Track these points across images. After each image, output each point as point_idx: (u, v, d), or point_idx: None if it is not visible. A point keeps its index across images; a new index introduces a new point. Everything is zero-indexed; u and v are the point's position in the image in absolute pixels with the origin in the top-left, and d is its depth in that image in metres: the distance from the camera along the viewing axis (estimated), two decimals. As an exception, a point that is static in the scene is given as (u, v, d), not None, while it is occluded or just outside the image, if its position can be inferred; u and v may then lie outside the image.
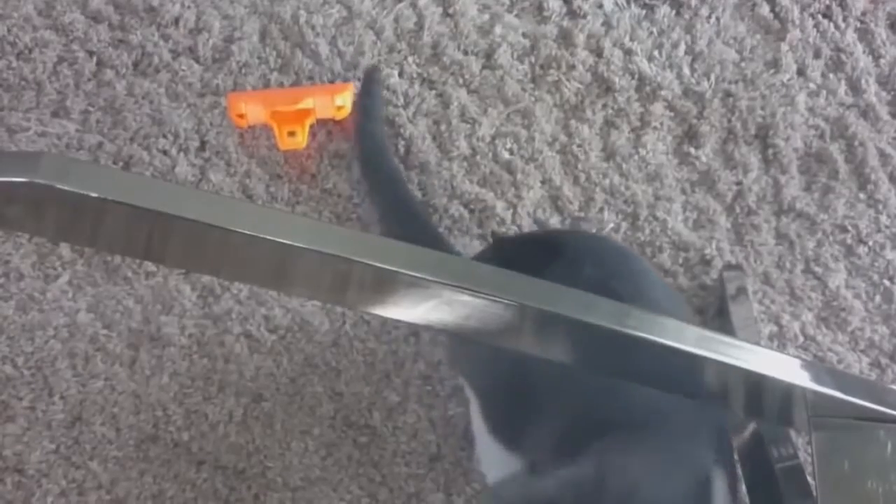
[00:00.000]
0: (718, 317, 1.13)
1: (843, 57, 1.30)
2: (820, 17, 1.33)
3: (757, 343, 1.03)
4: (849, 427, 0.72)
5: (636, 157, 1.23)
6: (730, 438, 0.93)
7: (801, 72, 1.29)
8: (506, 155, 1.23)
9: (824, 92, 1.27)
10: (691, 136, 1.25)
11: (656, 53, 1.30)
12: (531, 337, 0.71)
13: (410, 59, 1.30)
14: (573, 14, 1.33)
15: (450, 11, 1.33)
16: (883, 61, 1.30)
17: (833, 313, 1.15)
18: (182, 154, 1.23)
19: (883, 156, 1.23)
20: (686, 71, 1.29)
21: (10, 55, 1.30)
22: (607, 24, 1.32)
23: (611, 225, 1.19)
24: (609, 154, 1.24)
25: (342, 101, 1.23)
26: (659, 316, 0.68)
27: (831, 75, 1.29)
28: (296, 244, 0.61)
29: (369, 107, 1.23)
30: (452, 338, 1.07)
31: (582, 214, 1.20)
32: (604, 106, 1.27)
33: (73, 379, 1.11)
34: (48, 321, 1.14)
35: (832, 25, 1.32)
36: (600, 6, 1.33)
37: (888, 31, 1.32)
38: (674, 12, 1.33)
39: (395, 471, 1.07)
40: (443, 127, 1.25)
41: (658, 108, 1.26)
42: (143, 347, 1.13)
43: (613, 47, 1.30)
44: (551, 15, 1.33)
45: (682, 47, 1.30)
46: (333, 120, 1.24)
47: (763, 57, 1.30)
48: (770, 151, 1.24)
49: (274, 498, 1.06)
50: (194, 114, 1.26)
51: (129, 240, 0.65)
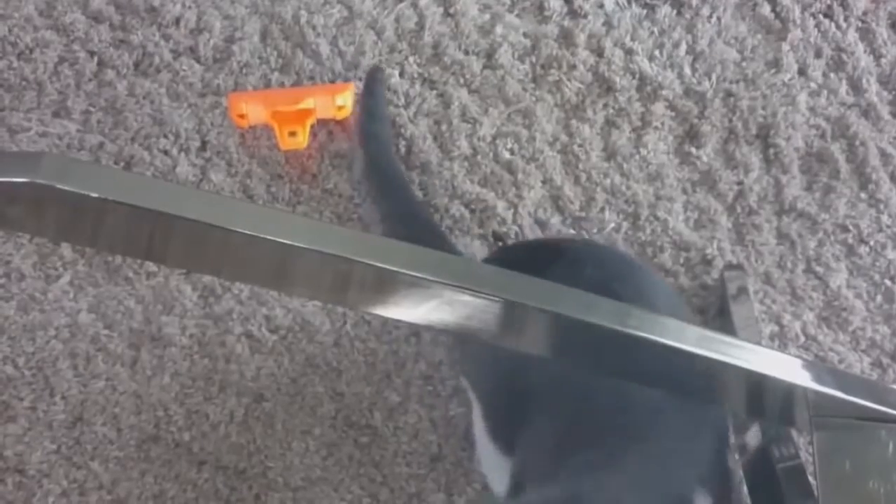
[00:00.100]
0: (719, 317, 1.13)
1: (845, 56, 1.30)
2: (821, 17, 1.32)
3: (758, 343, 1.03)
4: (850, 427, 0.72)
5: (637, 157, 1.23)
6: (728, 444, 0.92)
7: (803, 71, 1.29)
8: (507, 155, 1.23)
9: (825, 92, 1.27)
10: (692, 136, 1.25)
11: (657, 53, 1.30)
12: (532, 337, 0.71)
13: (411, 59, 1.29)
14: (574, 14, 1.33)
15: (451, 11, 1.33)
16: (884, 61, 1.29)
17: (834, 313, 1.15)
18: (183, 154, 1.23)
19: (884, 155, 1.23)
20: (687, 71, 1.29)
21: (12, 55, 1.30)
22: (608, 24, 1.32)
23: (612, 225, 1.19)
24: (610, 154, 1.24)
25: (343, 101, 1.23)
26: (660, 316, 0.68)
27: (832, 75, 1.29)
28: (297, 244, 0.61)
29: (373, 107, 1.23)
30: (457, 342, 1.07)
31: (583, 214, 1.20)
32: (605, 106, 1.27)
33: (75, 379, 1.11)
34: (49, 321, 1.14)
35: (833, 25, 1.32)
36: (601, 6, 1.33)
37: (889, 31, 1.32)
38: (675, 12, 1.33)
39: (397, 471, 1.07)
40: (444, 127, 1.25)
41: (659, 108, 1.26)
42: (145, 347, 1.13)
43: (614, 47, 1.30)
44: (552, 15, 1.33)
45: (683, 47, 1.30)
46: (334, 120, 1.24)
47: (764, 57, 1.30)
48: (771, 151, 1.24)
49: (275, 498, 1.06)
50: (195, 114, 1.26)
51: (130, 240, 0.65)
